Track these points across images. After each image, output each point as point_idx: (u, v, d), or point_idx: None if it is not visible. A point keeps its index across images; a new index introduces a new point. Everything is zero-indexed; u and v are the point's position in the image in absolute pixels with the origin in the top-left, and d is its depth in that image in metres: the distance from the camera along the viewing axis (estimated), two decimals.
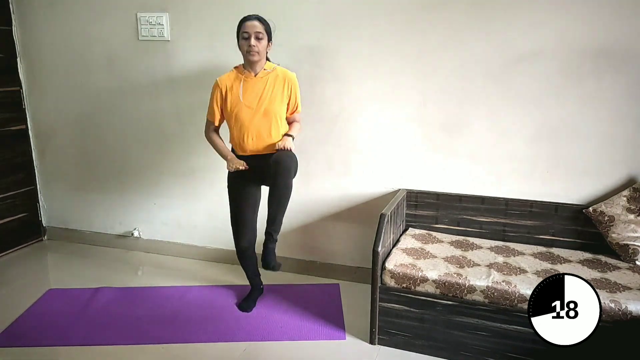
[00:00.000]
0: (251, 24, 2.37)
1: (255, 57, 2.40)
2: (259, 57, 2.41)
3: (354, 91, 2.84)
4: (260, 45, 2.39)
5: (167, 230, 3.47)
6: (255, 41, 2.36)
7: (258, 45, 2.37)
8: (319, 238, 3.04)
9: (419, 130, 2.78)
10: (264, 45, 2.41)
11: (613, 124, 2.48)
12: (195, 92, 3.15)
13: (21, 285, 3.07)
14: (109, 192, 3.55)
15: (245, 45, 2.38)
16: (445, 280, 2.25)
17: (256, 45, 2.37)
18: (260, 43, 2.38)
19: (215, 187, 3.26)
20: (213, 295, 2.90)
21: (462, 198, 2.75)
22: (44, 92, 3.54)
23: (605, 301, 2.02)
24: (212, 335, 2.51)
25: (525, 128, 2.61)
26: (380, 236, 2.33)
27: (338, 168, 2.97)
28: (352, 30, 2.77)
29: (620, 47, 2.40)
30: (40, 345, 2.45)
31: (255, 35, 2.37)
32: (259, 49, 2.38)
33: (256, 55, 2.39)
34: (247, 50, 2.39)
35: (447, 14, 2.60)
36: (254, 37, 2.37)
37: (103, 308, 2.77)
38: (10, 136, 3.53)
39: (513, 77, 2.57)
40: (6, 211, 3.54)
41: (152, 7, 3.11)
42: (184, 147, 3.27)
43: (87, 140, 3.51)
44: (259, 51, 2.39)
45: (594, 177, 2.55)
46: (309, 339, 2.49)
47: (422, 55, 2.69)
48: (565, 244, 2.60)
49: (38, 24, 3.43)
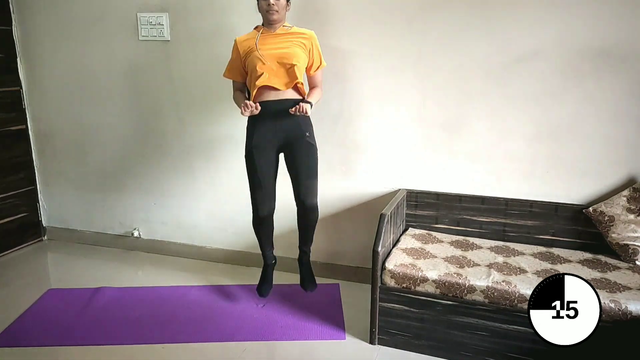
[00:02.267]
0: None
1: (275, 16, 2.42)
2: (279, 15, 2.43)
3: (354, 91, 2.84)
4: (279, 4, 2.41)
5: (167, 230, 3.47)
6: (274, 0, 2.39)
7: (277, 4, 2.40)
8: (319, 238, 3.04)
9: (419, 130, 2.78)
10: (283, 4, 2.44)
11: (613, 124, 2.48)
12: (195, 92, 3.16)
13: (21, 285, 3.07)
14: (109, 192, 3.55)
15: (265, 5, 2.40)
16: (445, 280, 2.25)
17: (275, 3, 2.39)
18: (279, 2, 2.41)
19: (215, 187, 3.26)
20: (213, 295, 2.90)
21: (462, 198, 2.75)
22: (44, 92, 3.55)
23: (605, 301, 2.02)
24: (212, 335, 2.51)
25: (525, 128, 2.61)
26: (380, 236, 2.33)
27: (338, 168, 2.97)
28: (352, 30, 2.77)
29: (620, 47, 2.40)
30: (40, 345, 2.45)
31: None
32: (278, 7, 2.40)
33: (275, 14, 2.41)
34: (266, 9, 2.41)
35: (447, 14, 2.60)
36: None
37: (103, 308, 2.77)
38: (10, 136, 3.53)
39: (513, 77, 2.57)
40: (6, 211, 3.54)
41: (152, 7, 3.11)
42: (184, 147, 3.28)
43: (87, 140, 3.52)
44: (279, 10, 2.41)
45: (594, 177, 2.55)
46: (309, 339, 2.49)
47: (422, 55, 2.69)
48: (565, 244, 2.60)
49: (38, 24, 3.43)
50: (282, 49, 2.43)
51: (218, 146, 3.18)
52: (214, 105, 3.11)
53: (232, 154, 3.09)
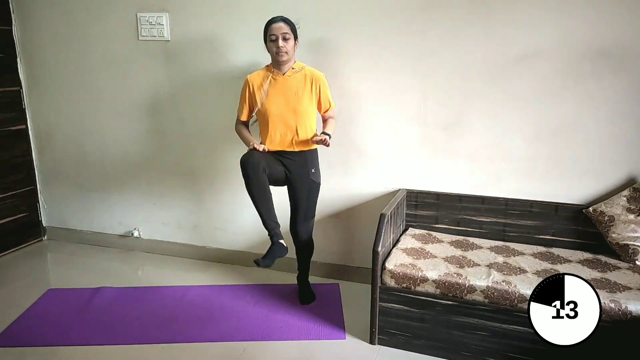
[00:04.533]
0: (278, 26, 2.45)
1: (284, 57, 2.47)
2: (288, 57, 2.48)
3: (354, 91, 2.84)
4: (288, 46, 2.46)
5: (167, 230, 3.47)
6: (283, 42, 2.44)
7: (286, 46, 2.45)
8: (319, 238, 3.04)
9: (419, 130, 2.78)
10: (292, 45, 2.48)
11: (613, 124, 2.48)
12: (195, 92, 3.16)
13: (21, 285, 3.07)
14: (109, 192, 3.55)
15: (274, 47, 2.45)
16: (445, 280, 2.25)
17: (284, 45, 2.44)
18: (288, 43, 2.46)
19: (215, 187, 3.26)
20: (213, 295, 2.90)
21: (462, 198, 2.75)
22: (44, 92, 3.54)
23: (605, 301, 2.02)
24: (212, 335, 2.51)
25: (526, 128, 2.61)
26: (380, 236, 2.33)
27: (338, 168, 2.97)
28: (352, 30, 2.77)
29: (620, 47, 2.40)
30: (40, 345, 2.45)
31: (282, 36, 2.44)
32: (287, 49, 2.45)
33: (285, 56, 2.46)
34: (276, 52, 2.46)
35: (447, 14, 2.60)
36: (282, 39, 2.44)
37: (103, 308, 2.77)
38: (10, 136, 3.53)
39: (513, 77, 2.57)
40: (6, 211, 3.54)
41: (152, 7, 3.11)
42: (184, 147, 3.28)
43: (87, 140, 3.51)
44: (287, 51, 2.46)
45: (594, 177, 2.55)
46: (309, 339, 2.49)
47: (422, 55, 2.69)
48: (565, 244, 2.60)
49: (38, 24, 3.43)
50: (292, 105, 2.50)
51: (218, 146, 3.18)
52: (214, 105, 3.12)
53: (231, 154, 3.09)
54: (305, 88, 2.53)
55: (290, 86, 2.52)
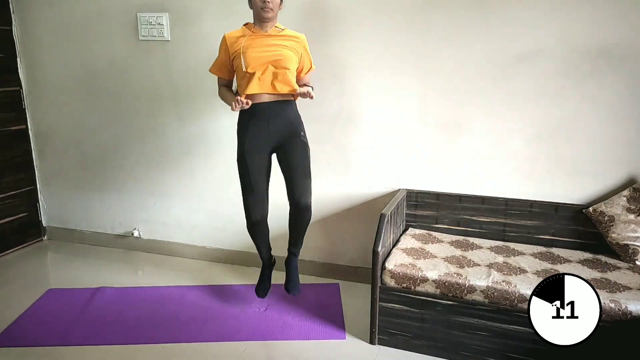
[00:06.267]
0: None
1: (269, 14, 2.35)
2: (273, 13, 2.37)
3: (354, 91, 2.84)
4: (274, 2, 2.35)
5: (167, 230, 3.47)
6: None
7: (272, 2, 2.33)
8: (319, 238, 3.04)
9: (419, 129, 2.78)
10: (277, 2, 2.37)
11: (613, 124, 2.48)
12: (195, 92, 3.15)
13: (21, 285, 3.07)
14: (109, 192, 3.55)
15: (260, 2, 2.33)
16: (445, 280, 2.25)
17: (270, 1, 2.32)
18: (274, 0, 2.35)
19: (215, 187, 3.26)
20: (213, 295, 2.90)
21: (462, 198, 2.75)
22: (44, 92, 3.55)
23: (605, 301, 2.02)
24: (212, 335, 2.51)
25: (525, 128, 2.61)
26: (380, 236, 2.33)
27: (338, 168, 2.97)
28: (352, 30, 2.77)
29: (620, 47, 2.40)
30: (40, 345, 2.45)
31: None
32: (273, 5, 2.34)
33: (270, 12, 2.35)
34: (261, 6, 2.34)
35: (447, 14, 2.60)
36: None
37: (103, 308, 2.77)
38: (10, 136, 3.53)
39: (513, 77, 2.57)
40: (6, 211, 3.54)
41: (152, 7, 3.11)
42: (184, 147, 3.28)
43: (87, 140, 3.52)
44: (273, 8, 2.35)
45: (594, 177, 2.55)
46: (309, 338, 2.49)
47: (422, 55, 2.69)
48: (565, 244, 2.60)
49: (38, 24, 3.43)
50: (274, 52, 2.37)
51: (218, 146, 3.18)
52: (214, 105, 3.11)
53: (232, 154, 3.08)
54: (288, 42, 2.41)
55: (271, 42, 2.40)
